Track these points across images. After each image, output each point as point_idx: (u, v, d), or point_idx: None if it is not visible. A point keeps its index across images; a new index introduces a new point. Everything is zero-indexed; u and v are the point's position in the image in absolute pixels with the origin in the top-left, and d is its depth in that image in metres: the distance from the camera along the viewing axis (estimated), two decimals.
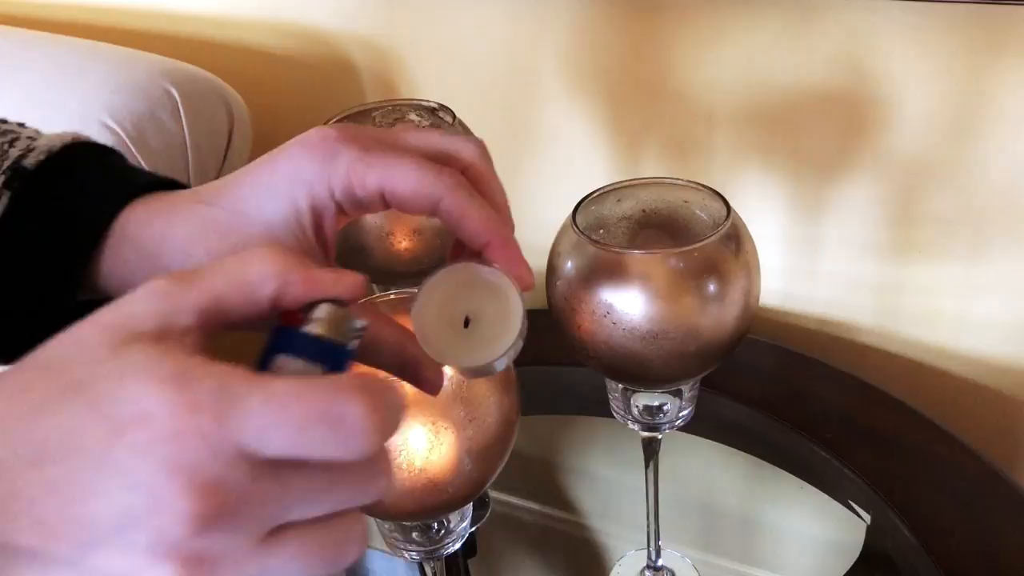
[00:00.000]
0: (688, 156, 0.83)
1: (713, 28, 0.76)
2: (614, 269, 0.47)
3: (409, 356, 0.38)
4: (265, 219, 0.39)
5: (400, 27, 0.91)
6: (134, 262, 0.40)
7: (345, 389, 0.27)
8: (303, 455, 0.27)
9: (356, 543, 0.30)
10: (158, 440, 0.27)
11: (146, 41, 1.00)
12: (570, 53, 0.84)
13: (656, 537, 0.61)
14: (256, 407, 0.27)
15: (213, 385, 0.27)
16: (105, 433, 0.27)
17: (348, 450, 0.28)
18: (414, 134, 0.40)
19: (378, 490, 0.30)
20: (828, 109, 0.75)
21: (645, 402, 0.54)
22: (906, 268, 0.79)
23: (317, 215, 0.39)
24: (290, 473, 0.28)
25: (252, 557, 0.28)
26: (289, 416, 0.27)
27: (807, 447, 0.71)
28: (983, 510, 0.64)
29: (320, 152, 0.38)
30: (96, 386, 0.28)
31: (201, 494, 0.27)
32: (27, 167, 0.41)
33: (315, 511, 0.29)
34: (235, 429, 0.27)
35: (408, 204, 0.38)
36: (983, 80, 0.69)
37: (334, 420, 0.27)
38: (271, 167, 0.39)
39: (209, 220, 0.39)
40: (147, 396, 0.27)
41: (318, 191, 0.38)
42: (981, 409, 0.81)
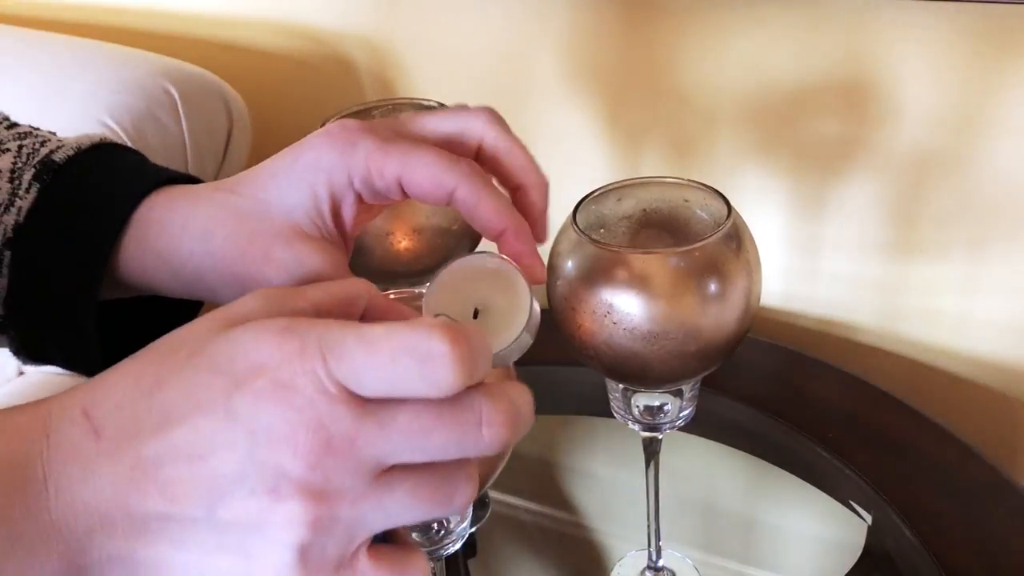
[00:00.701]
0: (689, 155, 0.83)
1: (715, 27, 0.76)
2: (614, 269, 0.47)
3: None
4: (286, 206, 0.39)
5: (399, 26, 0.91)
6: (156, 249, 0.41)
7: (430, 328, 0.30)
8: (395, 391, 0.29)
9: (464, 489, 0.31)
10: (274, 385, 0.29)
11: (145, 40, 1.00)
12: (570, 52, 0.83)
13: (657, 537, 0.61)
14: (352, 346, 0.29)
15: (316, 332, 0.30)
16: (224, 387, 0.29)
17: (434, 384, 0.29)
18: (427, 119, 0.41)
19: (477, 440, 0.31)
20: (830, 108, 0.75)
21: (645, 402, 0.54)
22: (907, 268, 0.79)
23: (336, 203, 0.40)
24: (391, 414, 0.30)
25: (369, 494, 0.30)
26: (380, 352, 0.29)
27: (808, 447, 0.71)
28: (984, 510, 0.64)
29: (340, 141, 0.39)
30: (212, 352, 0.30)
31: (315, 428, 0.29)
32: (56, 161, 0.42)
33: (420, 455, 0.30)
34: (336, 368, 0.29)
35: (425, 193, 0.39)
36: (986, 79, 0.69)
37: (421, 355, 0.29)
38: (293, 156, 0.40)
39: (230, 206, 0.40)
40: (260, 348, 0.30)
41: (337, 179, 0.39)
42: (982, 409, 0.81)
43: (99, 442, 0.30)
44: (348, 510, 0.30)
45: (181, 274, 0.41)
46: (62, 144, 0.43)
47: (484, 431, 0.30)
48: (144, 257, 0.41)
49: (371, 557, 0.31)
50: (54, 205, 0.42)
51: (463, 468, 0.32)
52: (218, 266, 0.40)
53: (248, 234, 0.39)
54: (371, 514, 0.30)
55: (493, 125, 0.42)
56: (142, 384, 0.31)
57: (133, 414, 0.30)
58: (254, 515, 0.29)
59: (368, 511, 0.30)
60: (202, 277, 0.40)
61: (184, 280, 0.41)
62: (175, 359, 0.31)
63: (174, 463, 0.29)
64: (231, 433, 0.29)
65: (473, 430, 0.30)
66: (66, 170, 0.42)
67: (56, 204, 0.42)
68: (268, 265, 0.39)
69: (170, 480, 0.29)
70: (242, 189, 0.41)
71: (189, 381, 0.30)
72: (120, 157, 0.44)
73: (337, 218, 0.40)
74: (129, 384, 0.31)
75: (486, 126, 0.42)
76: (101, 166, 0.43)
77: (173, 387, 0.30)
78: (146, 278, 0.42)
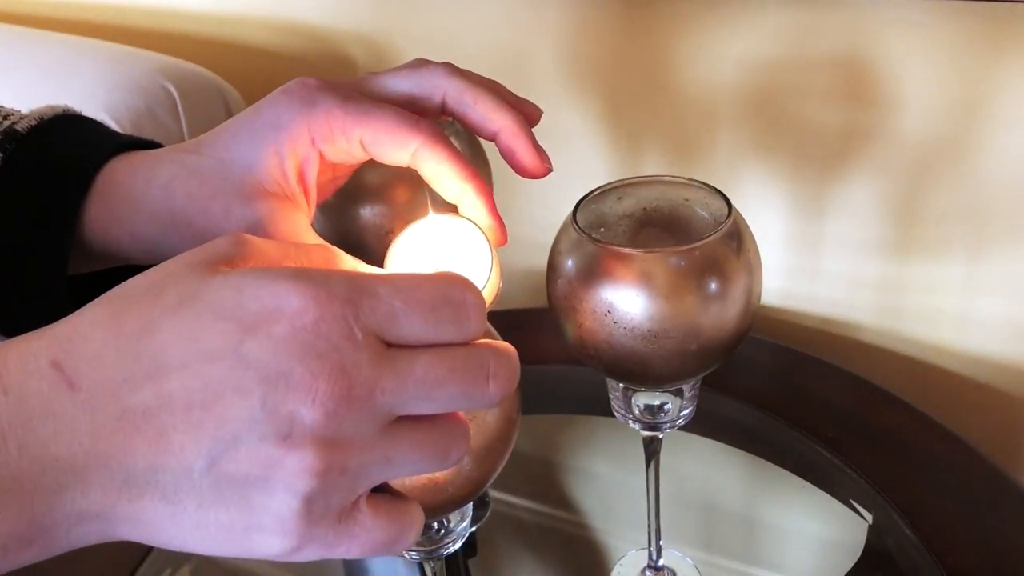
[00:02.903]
0: (689, 154, 0.83)
1: (714, 25, 0.76)
2: (615, 268, 0.47)
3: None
4: (247, 164, 0.40)
5: (398, 24, 0.91)
6: (119, 210, 0.41)
7: (454, 277, 0.31)
8: (429, 337, 0.30)
9: (460, 444, 0.32)
10: (294, 329, 0.28)
11: (144, 38, 0.99)
12: (570, 50, 0.83)
13: (657, 537, 0.61)
14: (386, 295, 0.29)
15: (344, 278, 0.29)
16: (234, 332, 0.28)
17: (465, 331, 0.30)
18: (387, 78, 0.42)
19: (483, 392, 0.31)
20: (830, 107, 0.75)
21: (646, 401, 0.54)
22: (908, 267, 0.79)
23: (298, 161, 0.40)
24: (409, 364, 0.30)
25: (377, 443, 0.29)
26: (418, 301, 0.30)
27: (808, 446, 0.71)
28: (985, 509, 0.64)
29: (299, 100, 0.39)
30: (210, 297, 0.29)
31: (338, 375, 0.28)
32: (19, 130, 0.42)
33: (430, 406, 0.30)
34: (369, 314, 0.29)
35: (385, 151, 0.39)
36: (986, 78, 0.69)
37: (456, 303, 0.30)
38: (253, 115, 0.40)
39: (191, 166, 0.40)
40: (279, 294, 0.28)
41: (298, 136, 0.39)
42: (983, 408, 0.81)
43: (75, 393, 0.28)
44: (357, 460, 0.29)
45: (145, 235, 0.41)
46: (24, 116, 0.44)
47: (490, 384, 0.31)
48: (108, 219, 0.41)
49: (370, 507, 0.31)
50: (18, 173, 0.42)
51: (460, 424, 0.32)
52: (180, 225, 0.40)
53: (209, 192, 0.39)
54: (377, 465, 0.30)
55: (452, 77, 0.42)
56: (126, 330, 0.29)
57: (117, 362, 0.28)
58: (261, 464, 0.28)
59: (375, 462, 0.30)
60: (165, 236, 0.40)
61: (147, 241, 0.41)
62: (162, 303, 0.29)
63: (170, 412, 0.28)
64: (242, 379, 0.28)
65: (481, 383, 0.31)
66: (29, 139, 0.42)
67: (20, 172, 0.42)
68: (228, 221, 0.39)
69: (164, 430, 0.28)
70: (204, 149, 0.41)
71: (188, 326, 0.28)
72: (82, 124, 0.45)
73: (300, 177, 0.40)
74: (109, 331, 0.29)
75: (446, 79, 0.42)
76: (63, 134, 0.43)
77: (168, 332, 0.28)
78: (111, 240, 0.42)
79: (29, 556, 0.29)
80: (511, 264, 0.95)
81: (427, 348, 0.30)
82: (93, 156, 0.42)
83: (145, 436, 0.28)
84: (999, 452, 0.79)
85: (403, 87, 0.41)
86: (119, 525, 0.29)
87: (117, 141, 0.43)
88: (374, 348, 0.29)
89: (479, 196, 0.40)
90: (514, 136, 0.42)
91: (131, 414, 0.28)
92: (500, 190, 0.64)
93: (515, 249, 0.92)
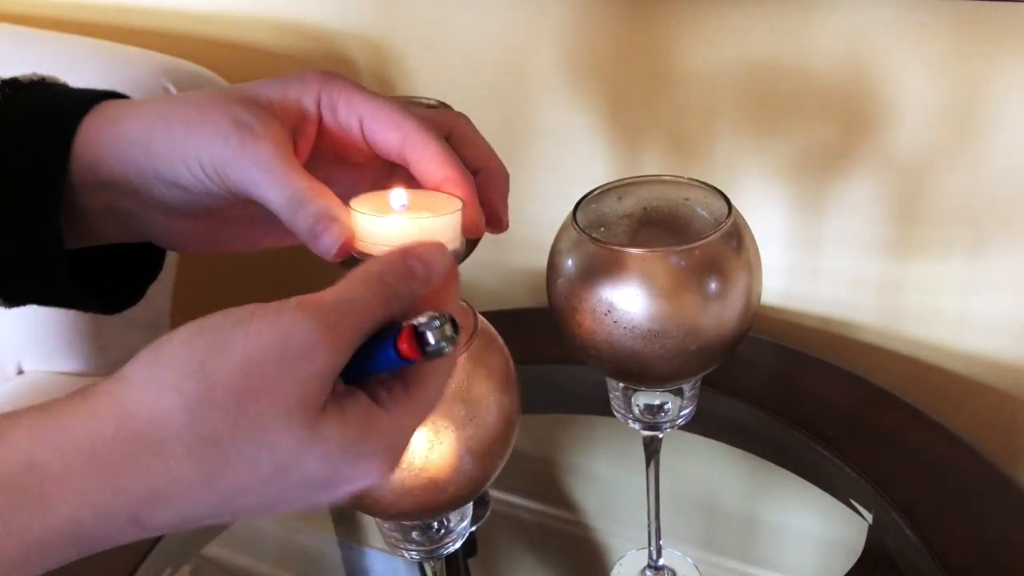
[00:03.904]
0: (689, 154, 0.83)
1: (714, 25, 0.76)
2: (615, 267, 0.47)
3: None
4: (254, 87, 0.42)
5: (398, 24, 0.91)
6: (108, 142, 0.41)
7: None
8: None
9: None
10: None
11: (144, 38, 0.99)
12: (570, 50, 0.83)
13: (657, 536, 0.61)
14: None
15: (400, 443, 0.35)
16: (316, 495, 0.33)
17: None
18: (408, 105, 0.43)
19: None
20: (830, 106, 0.75)
21: (646, 401, 0.54)
22: (908, 266, 0.79)
23: (302, 109, 0.41)
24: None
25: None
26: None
27: (808, 446, 0.71)
28: (985, 508, 0.64)
29: (322, 70, 0.42)
30: (306, 473, 0.32)
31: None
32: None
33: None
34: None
35: (379, 131, 0.41)
36: (986, 77, 0.69)
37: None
38: (280, 76, 0.43)
39: (189, 94, 0.42)
40: (369, 473, 0.34)
41: (308, 89, 0.41)
42: (983, 407, 0.81)
43: (141, 531, 0.31)
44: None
45: (136, 137, 0.41)
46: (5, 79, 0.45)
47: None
48: (101, 143, 0.41)
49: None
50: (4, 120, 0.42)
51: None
52: (172, 123, 0.40)
53: (209, 97, 0.41)
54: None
55: (466, 120, 0.44)
56: (215, 493, 0.31)
57: (199, 515, 0.31)
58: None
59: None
60: (153, 140, 0.40)
61: (136, 153, 0.41)
62: (258, 473, 0.31)
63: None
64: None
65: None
66: (18, 84, 0.44)
67: (7, 118, 0.42)
68: (223, 120, 0.39)
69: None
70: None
71: (278, 492, 0.32)
72: (53, 85, 0.46)
73: (298, 120, 0.41)
74: (199, 495, 0.31)
75: (460, 119, 0.44)
76: (51, 85, 0.45)
77: (257, 496, 0.32)
78: (103, 171, 0.41)
79: None
80: (511, 264, 0.95)
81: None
82: (81, 101, 0.42)
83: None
84: (999, 452, 0.79)
85: (420, 112, 0.43)
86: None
87: (94, 93, 0.44)
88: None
89: (461, 186, 0.40)
90: (493, 179, 0.44)
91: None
92: None
93: (515, 249, 0.92)
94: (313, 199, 0.38)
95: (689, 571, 0.65)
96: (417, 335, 0.32)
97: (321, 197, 0.38)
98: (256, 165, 0.38)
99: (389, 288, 0.33)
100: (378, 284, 0.33)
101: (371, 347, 0.33)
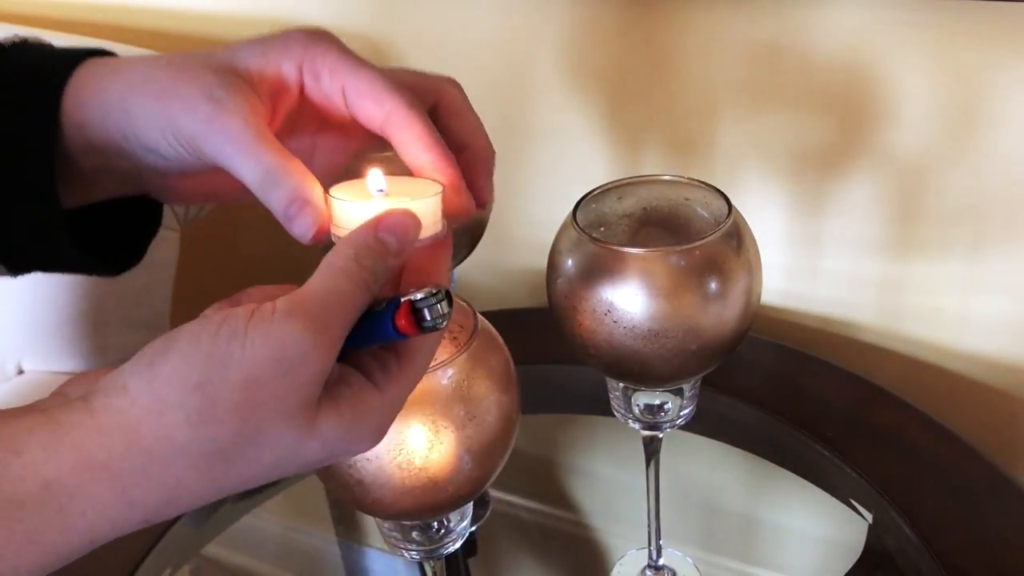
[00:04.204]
0: (689, 153, 0.83)
1: (714, 25, 0.76)
2: (615, 267, 0.47)
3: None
4: (231, 52, 0.41)
5: (398, 24, 0.91)
6: (92, 105, 0.40)
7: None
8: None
9: None
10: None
11: (144, 38, 0.99)
12: (570, 50, 0.83)
13: (657, 536, 0.61)
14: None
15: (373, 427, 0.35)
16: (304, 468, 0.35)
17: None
18: (396, 69, 0.42)
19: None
20: (830, 106, 0.75)
21: (646, 401, 0.54)
22: (908, 266, 0.79)
23: (276, 84, 0.40)
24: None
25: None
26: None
27: (808, 446, 0.71)
28: (985, 508, 0.64)
29: (308, 31, 0.42)
30: (305, 458, 0.34)
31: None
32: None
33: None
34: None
35: (362, 105, 0.39)
36: (986, 77, 0.69)
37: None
38: (266, 35, 0.42)
39: (174, 58, 0.41)
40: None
41: (290, 53, 0.41)
42: (983, 407, 0.81)
43: (148, 526, 0.33)
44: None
45: (118, 102, 0.40)
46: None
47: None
48: (86, 106, 0.41)
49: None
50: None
51: None
52: (151, 89, 0.40)
53: (186, 62, 0.40)
54: None
55: (457, 88, 0.43)
56: (220, 491, 0.33)
57: (198, 506, 0.33)
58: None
59: None
60: (136, 104, 0.40)
61: (118, 119, 0.40)
62: (261, 466, 0.33)
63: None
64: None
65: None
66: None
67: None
68: (196, 81, 0.39)
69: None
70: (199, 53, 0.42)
71: (272, 477, 0.34)
72: (37, 45, 0.45)
73: (275, 89, 0.40)
74: (205, 495, 0.33)
75: (450, 87, 0.43)
76: (24, 53, 0.43)
77: (254, 484, 0.34)
78: (91, 134, 0.41)
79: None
80: (511, 264, 0.95)
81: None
82: (69, 56, 0.42)
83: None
84: (999, 452, 0.79)
85: (407, 76, 0.42)
86: None
87: (80, 51, 0.43)
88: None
89: (444, 165, 0.39)
90: (479, 156, 0.43)
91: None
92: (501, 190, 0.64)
93: (515, 249, 0.92)
94: (285, 177, 0.37)
95: (689, 571, 0.65)
96: (415, 311, 0.33)
97: (294, 175, 0.37)
98: (227, 141, 0.38)
99: (367, 271, 0.34)
100: (357, 270, 0.34)
101: (363, 321, 0.34)
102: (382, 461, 0.41)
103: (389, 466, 0.42)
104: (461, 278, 0.66)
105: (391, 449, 0.41)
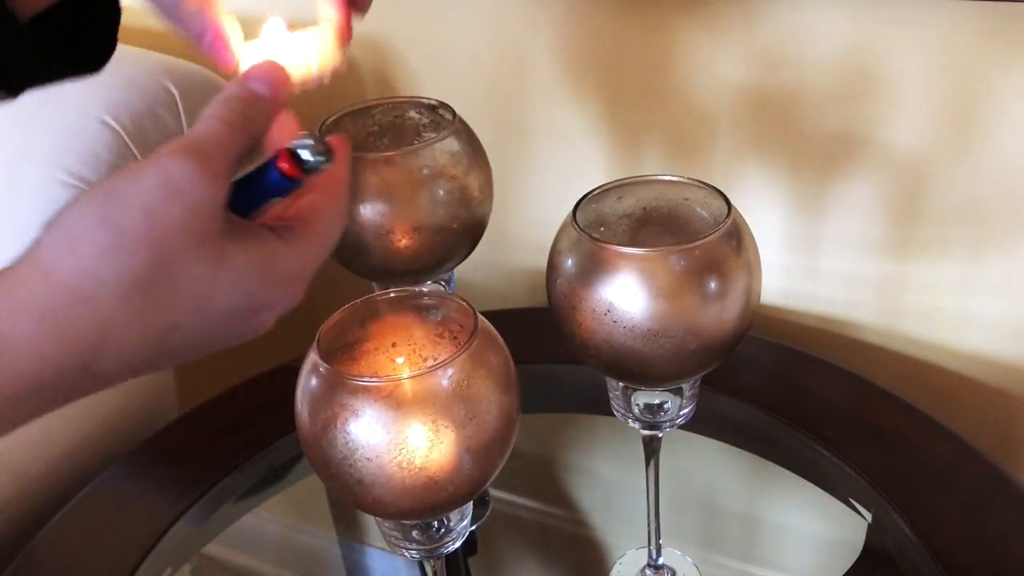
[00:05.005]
0: (689, 153, 0.83)
1: (713, 25, 0.76)
2: (614, 267, 0.47)
3: None
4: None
5: (400, 25, 0.91)
6: None
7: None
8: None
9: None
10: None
11: (144, 38, 0.99)
12: (570, 50, 0.83)
13: (657, 535, 0.61)
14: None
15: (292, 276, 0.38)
16: (244, 326, 0.37)
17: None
18: None
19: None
20: (830, 106, 0.75)
21: (646, 400, 0.54)
22: (907, 266, 0.79)
23: None
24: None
25: None
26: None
27: (808, 445, 0.71)
28: (984, 508, 0.64)
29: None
30: (222, 301, 0.35)
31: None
32: None
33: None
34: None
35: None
36: (985, 77, 0.69)
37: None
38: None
39: None
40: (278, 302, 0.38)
41: None
42: (983, 407, 0.81)
43: (94, 381, 0.35)
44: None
45: None
46: None
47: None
48: None
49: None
50: None
51: None
52: None
53: None
54: None
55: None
56: (152, 333, 0.34)
57: (144, 360, 0.35)
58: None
59: None
60: None
61: None
62: (182, 305, 0.34)
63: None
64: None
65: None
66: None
67: None
68: None
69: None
70: None
71: (206, 326, 0.35)
72: None
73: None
74: (136, 335, 0.34)
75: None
76: None
77: (188, 331, 0.35)
78: None
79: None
80: (511, 264, 0.95)
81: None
82: None
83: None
84: (999, 451, 0.79)
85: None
86: None
87: None
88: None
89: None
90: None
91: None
92: (501, 190, 0.64)
93: (515, 249, 0.92)
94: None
95: (689, 570, 0.65)
96: (293, 154, 0.36)
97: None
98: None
99: (240, 115, 0.37)
100: (230, 115, 0.37)
101: (256, 178, 0.37)
102: (382, 461, 0.42)
103: (389, 466, 0.42)
104: (461, 278, 0.66)
105: (391, 449, 0.41)
